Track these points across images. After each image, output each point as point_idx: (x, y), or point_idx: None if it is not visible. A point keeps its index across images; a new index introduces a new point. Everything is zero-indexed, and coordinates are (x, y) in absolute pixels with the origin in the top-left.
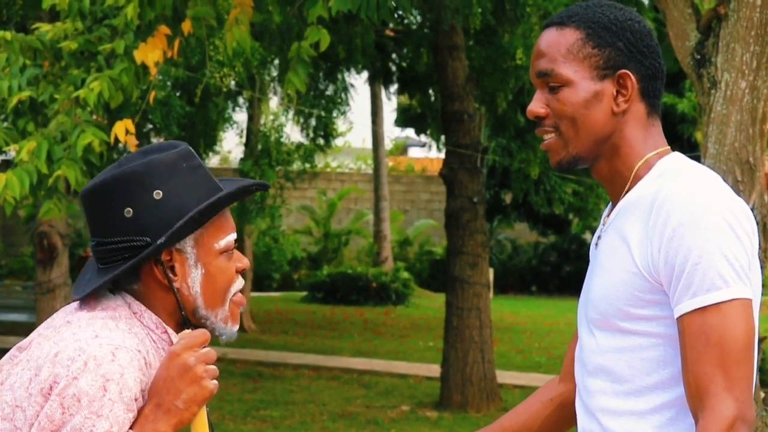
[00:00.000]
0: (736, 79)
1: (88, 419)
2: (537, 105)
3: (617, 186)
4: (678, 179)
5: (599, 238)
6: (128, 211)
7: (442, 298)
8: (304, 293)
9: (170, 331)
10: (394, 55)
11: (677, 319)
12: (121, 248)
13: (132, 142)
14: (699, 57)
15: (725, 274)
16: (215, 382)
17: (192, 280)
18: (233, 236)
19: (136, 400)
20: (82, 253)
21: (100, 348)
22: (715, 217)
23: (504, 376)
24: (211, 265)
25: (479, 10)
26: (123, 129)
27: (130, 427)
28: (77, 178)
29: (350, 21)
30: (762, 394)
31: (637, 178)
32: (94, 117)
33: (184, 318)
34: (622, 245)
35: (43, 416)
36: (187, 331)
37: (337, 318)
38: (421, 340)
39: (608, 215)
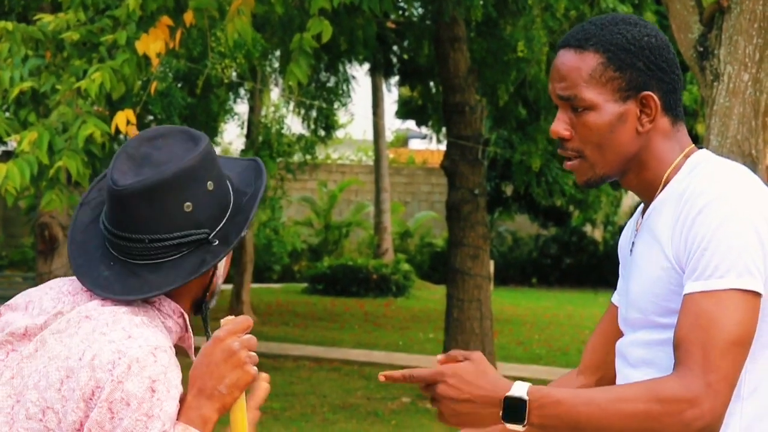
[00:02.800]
0: (739, 71)
1: (139, 421)
2: (561, 126)
3: (649, 192)
4: (705, 174)
5: (633, 243)
6: (188, 206)
7: (443, 289)
8: (305, 285)
9: (186, 314)
10: (395, 47)
11: (683, 296)
12: (181, 243)
13: (133, 133)
14: (702, 49)
15: (730, 264)
16: (256, 368)
17: (221, 264)
18: None
19: (180, 395)
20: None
21: (140, 350)
22: (733, 209)
23: (504, 368)
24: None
25: (481, 1)
26: (124, 119)
27: (176, 418)
28: (78, 169)
29: (352, 12)
30: None
31: (668, 182)
32: (96, 108)
33: (204, 298)
34: (655, 243)
35: (92, 423)
36: (230, 317)
37: (338, 310)
38: (421, 331)
39: (641, 218)
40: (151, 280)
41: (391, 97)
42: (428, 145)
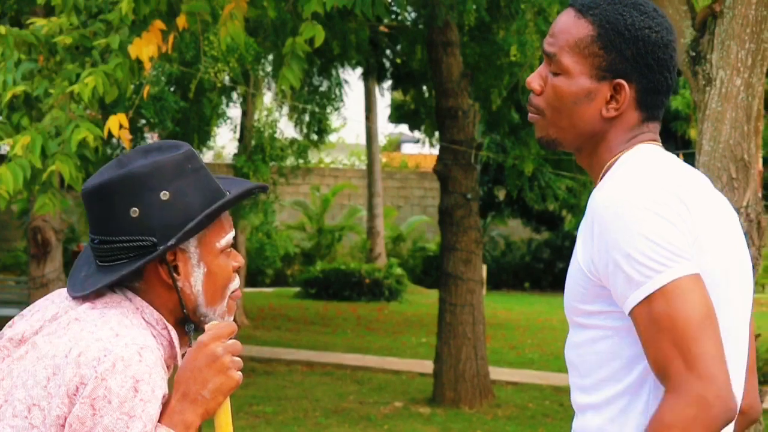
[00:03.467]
0: (731, 76)
1: (120, 420)
2: (536, 80)
3: (594, 178)
4: (614, 175)
5: None
6: (134, 211)
7: (436, 294)
8: (297, 289)
9: (170, 327)
10: (388, 51)
11: (629, 314)
12: (126, 247)
13: (125, 137)
14: (694, 54)
15: (659, 258)
16: (240, 373)
17: (194, 279)
18: (232, 234)
19: (164, 396)
20: (75, 248)
21: (125, 348)
22: (637, 209)
23: (497, 373)
24: (213, 264)
25: (474, 6)
26: (116, 124)
27: (159, 421)
28: (71, 173)
29: (345, 17)
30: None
31: (606, 174)
32: (89, 112)
33: (185, 315)
34: (577, 244)
35: (73, 418)
36: (214, 322)
37: (330, 314)
38: (414, 336)
39: None
40: (97, 279)
41: (384, 101)
42: (421, 150)
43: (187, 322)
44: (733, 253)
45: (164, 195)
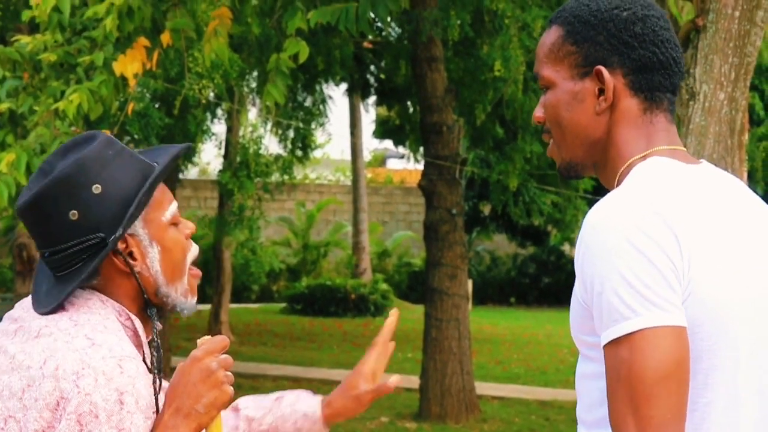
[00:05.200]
0: (715, 90)
1: None
2: (538, 110)
3: None
4: (608, 195)
5: None
6: (73, 214)
7: (421, 309)
8: (283, 305)
9: (133, 317)
10: (372, 67)
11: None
12: (77, 251)
13: None
14: None
15: (630, 302)
16: (232, 388)
17: (150, 259)
18: (175, 205)
19: (150, 406)
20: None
21: (104, 362)
22: (616, 238)
23: (483, 388)
24: (165, 239)
25: (458, 21)
26: None
27: None
28: None
29: (329, 33)
30: None
31: (620, 183)
32: (74, 129)
33: (145, 300)
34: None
35: None
36: (207, 337)
37: (316, 330)
38: (400, 351)
39: None
40: (59, 290)
41: (369, 117)
42: (406, 165)
43: (149, 306)
44: (744, 285)
45: (96, 188)
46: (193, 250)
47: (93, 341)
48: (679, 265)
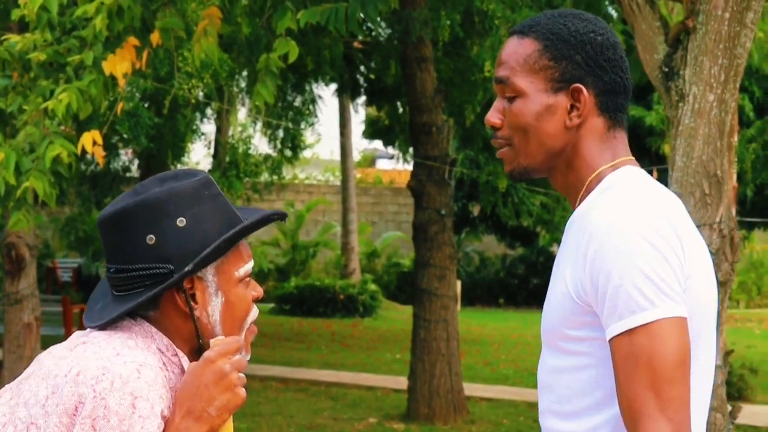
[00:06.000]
0: (704, 92)
1: None
2: (494, 115)
3: (572, 198)
4: (608, 197)
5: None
6: (150, 239)
7: (410, 310)
8: (272, 305)
9: (181, 354)
10: (362, 67)
11: (608, 341)
12: (143, 275)
13: (99, 153)
14: (667, 70)
15: (649, 294)
16: (245, 390)
17: (212, 308)
18: (251, 264)
19: (164, 415)
20: (49, 264)
21: (124, 366)
22: (634, 238)
23: (471, 389)
24: (231, 293)
25: (448, 22)
26: (90, 140)
27: None
28: (45, 190)
29: (318, 33)
30: (729, 407)
31: (588, 192)
32: (63, 128)
33: (200, 345)
34: (560, 264)
35: None
36: (220, 338)
37: (305, 330)
38: (388, 352)
39: None
40: (114, 308)
41: (359, 117)
42: (395, 165)
43: (202, 351)
44: (711, 285)
45: (181, 222)
46: (254, 313)
47: (119, 352)
48: (683, 263)
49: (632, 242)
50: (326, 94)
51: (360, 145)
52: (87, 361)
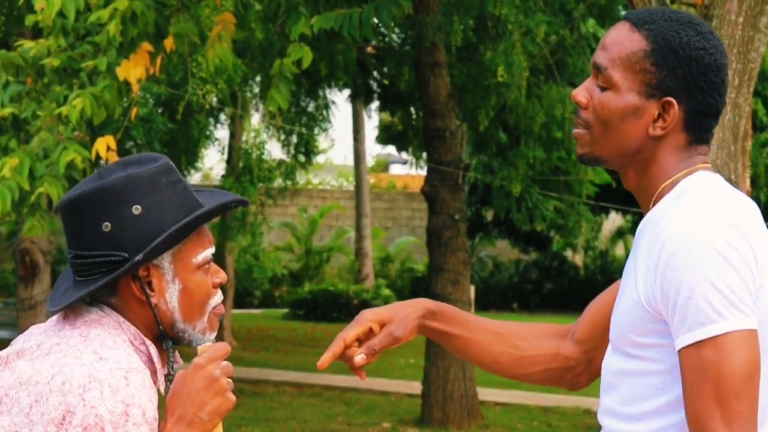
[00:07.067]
0: None
1: None
2: (582, 93)
3: (644, 202)
4: (681, 205)
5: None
6: (106, 226)
7: None
8: (286, 310)
9: (149, 343)
10: (375, 73)
11: (678, 351)
12: (99, 262)
13: (113, 159)
14: None
15: (719, 307)
16: (233, 395)
17: (169, 295)
18: (211, 251)
19: (154, 417)
20: (63, 269)
21: (111, 374)
22: (705, 248)
23: (485, 393)
24: (189, 280)
25: (461, 27)
26: (104, 145)
27: None
28: (60, 195)
29: (332, 38)
30: None
31: (660, 197)
32: (77, 134)
33: (161, 332)
34: (632, 271)
35: None
36: (208, 344)
37: (319, 335)
38: (402, 357)
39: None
40: (73, 293)
41: (372, 122)
42: (409, 171)
43: (164, 338)
44: None
45: (136, 209)
46: (216, 299)
47: (101, 356)
48: (755, 273)
49: (703, 253)
50: (340, 100)
51: (373, 150)
52: (70, 368)
